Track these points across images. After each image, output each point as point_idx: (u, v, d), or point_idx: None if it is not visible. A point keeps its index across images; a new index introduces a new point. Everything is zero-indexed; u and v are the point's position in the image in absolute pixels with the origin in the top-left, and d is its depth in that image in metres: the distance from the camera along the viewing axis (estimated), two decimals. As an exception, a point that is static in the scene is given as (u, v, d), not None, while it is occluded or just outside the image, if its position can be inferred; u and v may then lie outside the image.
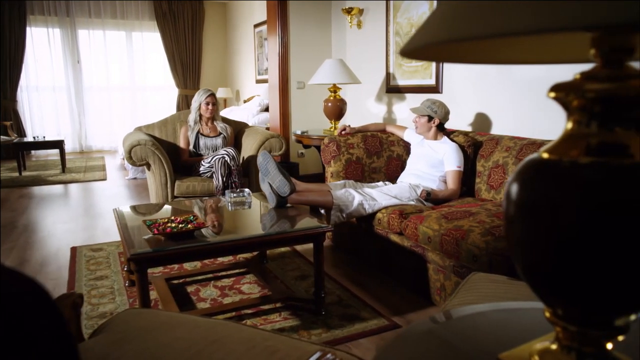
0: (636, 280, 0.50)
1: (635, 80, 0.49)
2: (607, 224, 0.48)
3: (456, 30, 0.44)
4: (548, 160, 0.52)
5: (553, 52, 0.61)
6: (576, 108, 0.51)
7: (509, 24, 0.42)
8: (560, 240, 0.50)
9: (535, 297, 0.57)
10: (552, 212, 0.50)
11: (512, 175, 0.55)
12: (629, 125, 0.50)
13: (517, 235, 0.53)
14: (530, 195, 0.52)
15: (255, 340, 1.08)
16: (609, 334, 0.55)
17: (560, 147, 0.52)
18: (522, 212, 0.52)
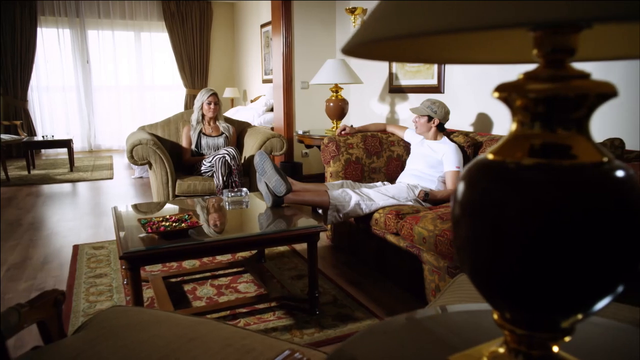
0: (581, 281, 0.49)
1: (577, 81, 0.49)
2: (550, 226, 0.47)
3: (390, 29, 0.44)
4: (493, 162, 0.51)
5: (499, 52, 0.60)
6: (519, 109, 0.50)
7: (442, 21, 0.41)
8: (504, 242, 0.49)
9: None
10: (496, 214, 0.49)
11: (460, 176, 0.54)
12: (569, 126, 0.49)
13: (462, 237, 0.53)
14: (475, 196, 0.51)
15: (233, 339, 1.09)
16: (556, 336, 0.54)
17: (505, 148, 0.51)
18: (467, 213, 0.52)
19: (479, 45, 0.59)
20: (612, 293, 0.51)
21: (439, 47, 0.58)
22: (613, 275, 0.49)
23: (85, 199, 4.72)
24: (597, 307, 0.52)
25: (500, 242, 0.50)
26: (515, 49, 0.58)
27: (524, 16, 0.36)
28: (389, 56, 0.54)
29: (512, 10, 0.38)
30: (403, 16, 0.43)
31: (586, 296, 0.50)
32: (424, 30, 0.41)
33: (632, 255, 0.49)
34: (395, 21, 0.44)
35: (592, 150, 0.50)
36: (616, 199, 0.47)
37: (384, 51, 0.53)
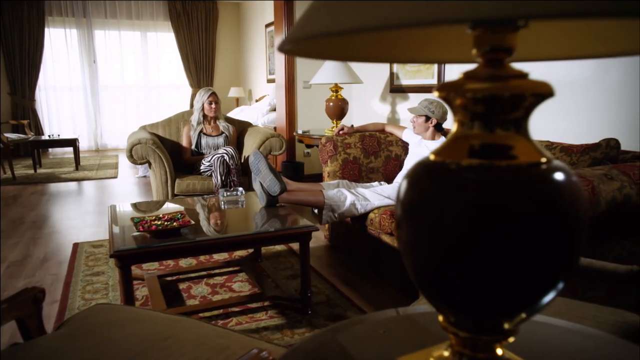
0: (520, 281, 0.49)
1: (515, 81, 0.48)
2: (490, 227, 0.47)
3: (322, 25, 0.44)
4: (433, 162, 0.51)
5: (446, 52, 0.60)
6: (459, 108, 0.50)
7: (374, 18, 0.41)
8: (443, 244, 0.49)
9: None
10: (436, 216, 0.49)
11: (403, 177, 0.54)
12: (508, 126, 0.49)
13: (404, 239, 0.52)
14: (415, 197, 0.51)
15: (208, 338, 1.09)
16: (500, 337, 0.54)
17: (446, 149, 0.51)
18: (408, 214, 0.51)
19: (426, 44, 0.58)
20: (552, 291, 0.50)
21: (386, 46, 0.58)
22: (551, 274, 0.49)
23: (89, 197, 4.76)
24: (539, 306, 0.52)
25: (439, 244, 0.49)
26: (462, 49, 0.58)
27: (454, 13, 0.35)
28: (333, 55, 0.54)
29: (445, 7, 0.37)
30: (337, 13, 0.43)
31: (526, 296, 0.50)
32: (357, 26, 0.41)
33: (569, 254, 0.48)
34: (327, 18, 0.43)
35: (532, 151, 0.49)
36: (552, 200, 0.47)
37: (325, 49, 0.53)
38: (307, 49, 0.51)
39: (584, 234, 0.49)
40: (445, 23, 0.38)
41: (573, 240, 0.48)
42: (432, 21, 0.37)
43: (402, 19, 0.38)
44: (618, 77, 2.33)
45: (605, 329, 1.12)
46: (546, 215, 0.46)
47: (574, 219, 0.47)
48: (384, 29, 0.38)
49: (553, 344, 0.68)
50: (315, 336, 0.70)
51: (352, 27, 0.40)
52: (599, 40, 0.54)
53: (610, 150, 2.07)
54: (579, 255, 0.50)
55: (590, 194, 1.59)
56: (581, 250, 0.50)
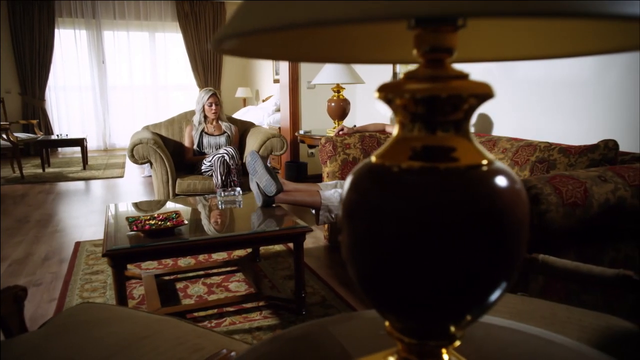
0: (461, 286, 0.48)
1: (456, 81, 0.47)
2: (429, 231, 0.46)
3: (254, 22, 0.43)
4: (374, 164, 0.50)
5: (391, 52, 0.59)
6: (400, 110, 0.49)
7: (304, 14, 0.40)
8: (385, 248, 0.48)
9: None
10: (376, 219, 0.48)
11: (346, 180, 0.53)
12: (447, 128, 0.48)
13: (346, 243, 0.51)
14: (356, 200, 0.50)
15: (186, 338, 1.09)
16: (446, 342, 0.53)
17: (388, 151, 0.50)
18: (349, 218, 0.50)
19: (380, 44, 0.58)
20: (495, 293, 0.49)
21: (338, 46, 0.57)
22: (491, 277, 0.48)
23: (94, 196, 4.81)
24: (483, 308, 0.51)
25: (380, 248, 0.48)
26: (407, 49, 0.57)
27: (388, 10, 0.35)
28: (269, 54, 0.54)
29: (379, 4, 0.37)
30: (268, 10, 0.42)
31: (469, 299, 0.49)
32: (286, 23, 0.40)
33: (509, 256, 0.47)
34: (259, 14, 0.43)
35: (473, 153, 0.49)
36: (490, 202, 0.46)
37: (261, 48, 0.52)
38: (243, 48, 0.50)
39: (523, 236, 0.48)
40: (370, 21, 0.37)
41: (512, 243, 0.47)
42: (358, 18, 0.36)
43: (328, 15, 0.37)
44: (618, 77, 2.30)
45: (588, 333, 1.10)
46: (484, 217, 0.45)
47: (512, 221, 0.46)
48: (311, 25, 0.38)
49: (512, 350, 0.67)
50: (265, 343, 0.70)
51: (281, 23, 0.39)
52: (550, 40, 0.53)
53: (608, 152, 2.04)
54: (520, 257, 0.49)
55: (582, 196, 1.56)
56: (522, 252, 0.49)
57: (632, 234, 1.75)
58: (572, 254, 1.68)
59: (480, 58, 0.58)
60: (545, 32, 0.52)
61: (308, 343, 0.72)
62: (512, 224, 0.46)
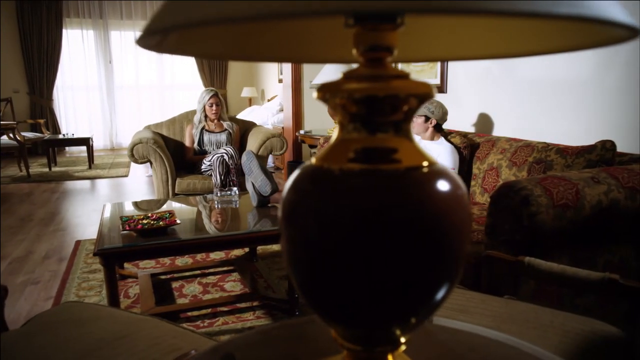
0: (403, 290, 0.47)
1: (395, 81, 0.46)
2: (367, 235, 0.45)
3: (179, 17, 0.42)
4: (314, 167, 0.49)
5: (330, 50, 0.58)
6: (340, 110, 0.48)
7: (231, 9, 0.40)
8: (323, 253, 0.46)
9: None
10: (313, 223, 0.46)
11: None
12: (387, 129, 0.47)
13: (285, 248, 0.50)
14: (295, 203, 0.48)
15: (163, 338, 1.09)
16: (392, 348, 0.52)
17: (329, 153, 0.49)
18: (288, 222, 0.49)
19: (323, 43, 0.57)
20: (437, 296, 0.48)
21: (283, 44, 0.56)
22: (433, 280, 0.47)
23: (97, 195, 4.85)
24: (426, 312, 0.50)
25: (318, 252, 0.47)
26: (333, 48, 0.56)
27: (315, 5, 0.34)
28: (217, 53, 0.53)
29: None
30: (190, 5, 0.41)
31: (410, 303, 0.48)
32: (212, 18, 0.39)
33: (448, 260, 0.46)
34: (178, 11, 0.42)
35: (415, 154, 0.47)
36: (428, 205, 0.45)
37: (203, 47, 0.51)
38: (170, 45, 0.49)
39: (464, 239, 0.47)
40: (287, 17, 0.36)
41: (451, 246, 0.46)
42: (278, 14, 0.35)
43: (251, 11, 0.37)
44: (617, 78, 2.26)
45: (570, 338, 1.08)
46: (421, 221, 0.44)
47: (451, 224, 0.45)
48: (234, 21, 0.37)
49: (470, 355, 0.66)
50: (218, 346, 0.69)
51: (204, 18, 0.39)
52: (500, 38, 0.51)
53: (605, 153, 2.01)
54: (460, 260, 0.48)
55: (573, 198, 1.54)
56: (462, 254, 0.47)
57: (626, 236, 1.72)
58: (565, 256, 1.65)
59: (434, 57, 0.57)
60: (496, 31, 0.51)
61: (271, 343, 0.72)
62: (451, 227, 0.45)
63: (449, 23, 0.52)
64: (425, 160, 0.47)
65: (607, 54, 2.29)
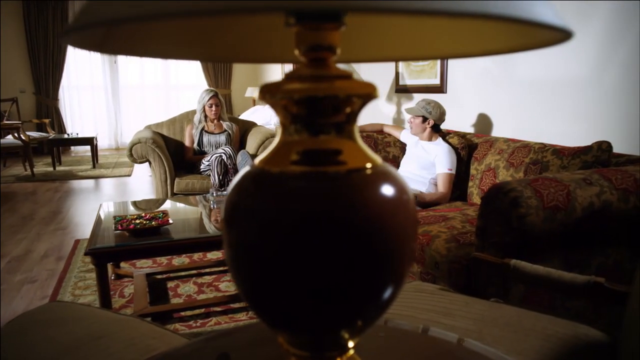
0: (345, 294, 0.46)
1: (338, 81, 0.45)
2: (309, 238, 0.43)
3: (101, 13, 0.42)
4: (256, 170, 0.48)
5: (274, 50, 0.57)
6: (282, 112, 0.47)
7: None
8: (263, 257, 0.45)
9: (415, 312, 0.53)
10: (255, 227, 0.45)
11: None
12: (329, 130, 0.46)
13: (227, 252, 0.49)
14: (236, 205, 0.47)
15: (140, 339, 1.09)
16: (339, 353, 0.51)
17: (271, 156, 0.48)
18: (230, 227, 0.47)
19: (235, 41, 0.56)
20: (381, 299, 0.47)
21: (220, 44, 0.55)
22: (374, 284, 0.46)
23: (100, 195, 4.87)
24: (372, 316, 0.49)
25: (258, 256, 0.46)
26: (277, 47, 0.55)
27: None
28: (151, 52, 0.52)
29: None
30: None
31: (353, 307, 0.47)
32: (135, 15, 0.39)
33: (391, 261, 0.45)
34: (102, 7, 0.41)
35: (360, 156, 0.46)
36: (369, 207, 0.44)
37: (142, 45, 0.51)
38: (114, 45, 0.49)
39: (405, 240, 0.46)
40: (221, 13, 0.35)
41: (393, 248, 0.45)
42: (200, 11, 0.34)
43: (172, 8, 0.36)
44: (616, 78, 2.23)
45: (551, 342, 1.06)
46: (361, 223, 0.43)
47: (392, 226, 0.44)
48: (155, 19, 0.36)
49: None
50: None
51: (129, 15, 0.38)
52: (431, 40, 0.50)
53: (601, 154, 1.98)
54: (404, 262, 0.47)
55: (564, 200, 1.52)
56: (406, 256, 0.46)
57: (620, 238, 1.69)
58: (557, 258, 1.63)
59: (383, 57, 0.56)
60: (444, 31, 0.50)
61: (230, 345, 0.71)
62: (392, 229, 0.44)
63: (397, 23, 0.51)
64: (370, 162, 0.46)
65: (605, 54, 2.27)
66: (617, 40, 2.20)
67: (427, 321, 1.14)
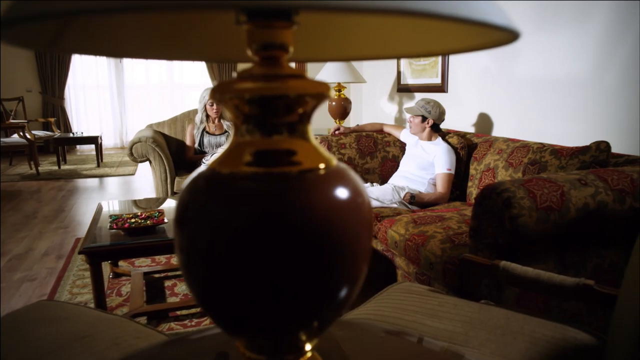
0: (300, 294, 0.45)
1: (291, 81, 0.45)
2: (258, 240, 0.43)
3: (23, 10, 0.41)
4: (208, 171, 0.47)
5: (213, 49, 0.56)
6: (234, 111, 0.47)
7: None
8: (214, 261, 0.44)
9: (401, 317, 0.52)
10: (204, 229, 0.44)
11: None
12: (281, 130, 0.45)
13: (180, 257, 0.48)
14: (186, 207, 0.46)
15: (124, 338, 1.09)
16: (297, 356, 0.50)
17: (225, 157, 0.47)
18: (181, 230, 0.46)
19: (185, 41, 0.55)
20: (336, 300, 0.46)
21: (181, 43, 0.55)
22: (326, 285, 0.45)
23: (103, 193, 4.89)
24: (327, 317, 0.48)
25: (208, 258, 0.45)
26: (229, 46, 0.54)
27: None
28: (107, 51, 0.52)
29: None
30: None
31: (307, 308, 0.46)
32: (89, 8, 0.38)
33: (343, 263, 0.44)
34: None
35: (313, 156, 0.46)
36: (317, 206, 0.43)
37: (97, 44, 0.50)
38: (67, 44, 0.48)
39: (358, 240, 0.45)
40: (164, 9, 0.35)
41: (345, 248, 0.44)
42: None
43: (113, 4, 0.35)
44: (616, 78, 2.20)
45: (538, 345, 1.04)
46: (311, 223, 0.42)
47: (343, 226, 0.43)
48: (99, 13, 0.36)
49: None
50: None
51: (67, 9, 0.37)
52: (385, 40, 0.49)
53: (600, 154, 1.96)
54: (358, 262, 0.46)
55: (558, 200, 1.50)
56: (359, 256, 0.46)
57: (617, 240, 1.67)
58: (551, 260, 1.61)
59: (339, 57, 0.55)
60: (397, 31, 0.49)
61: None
62: (344, 229, 0.44)
63: (352, 23, 0.50)
64: (323, 162, 0.45)
65: (605, 54, 2.24)
66: (617, 40, 2.17)
67: (413, 323, 1.13)
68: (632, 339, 0.80)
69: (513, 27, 0.35)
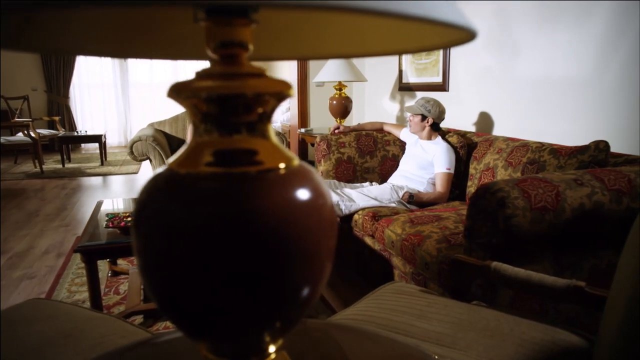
0: (259, 295, 0.44)
1: (251, 80, 0.44)
2: (214, 240, 0.42)
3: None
4: (166, 172, 0.47)
5: (177, 48, 0.55)
6: (192, 111, 0.46)
7: None
8: (172, 263, 0.43)
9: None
10: (161, 231, 0.43)
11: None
12: (240, 130, 0.44)
13: (138, 260, 0.47)
14: (142, 212, 0.45)
15: (110, 337, 1.08)
16: (261, 357, 0.50)
17: (184, 157, 0.47)
18: (138, 231, 0.45)
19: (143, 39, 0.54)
20: (297, 302, 0.45)
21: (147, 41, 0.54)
22: (288, 283, 0.44)
23: (106, 192, 4.92)
24: (291, 318, 0.47)
25: (167, 263, 0.44)
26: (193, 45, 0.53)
27: None
28: (72, 49, 0.51)
29: None
30: None
31: (268, 309, 0.45)
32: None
33: (306, 260, 0.43)
34: None
35: (274, 156, 0.45)
36: (276, 206, 0.42)
37: (61, 41, 0.49)
38: (30, 42, 0.48)
39: (318, 239, 0.44)
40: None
41: (305, 248, 0.43)
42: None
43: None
44: (616, 77, 2.17)
45: (526, 347, 1.03)
46: (269, 223, 0.42)
47: (303, 225, 0.43)
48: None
49: None
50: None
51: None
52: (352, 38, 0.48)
53: (598, 153, 1.93)
54: (319, 262, 0.45)
55: (553, 200, 1.48)
56: (320, 256, 0.45)
57: (614, 241, 1.64)
58: (547, 261, 1.59)
59: (300, 55, 0.54)
60: (357, 30, 0.48)
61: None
62: (304, 229, 0.43)
63: (313, 21, 0.49)
64: (284, 162, 0.45)
65: (605, 54, 2.21)
66: (617, 40, 2.14)
67: (401, 324, 1.12)
68: (618, 339, 0.78)
69: (468, 26, 0.34)
